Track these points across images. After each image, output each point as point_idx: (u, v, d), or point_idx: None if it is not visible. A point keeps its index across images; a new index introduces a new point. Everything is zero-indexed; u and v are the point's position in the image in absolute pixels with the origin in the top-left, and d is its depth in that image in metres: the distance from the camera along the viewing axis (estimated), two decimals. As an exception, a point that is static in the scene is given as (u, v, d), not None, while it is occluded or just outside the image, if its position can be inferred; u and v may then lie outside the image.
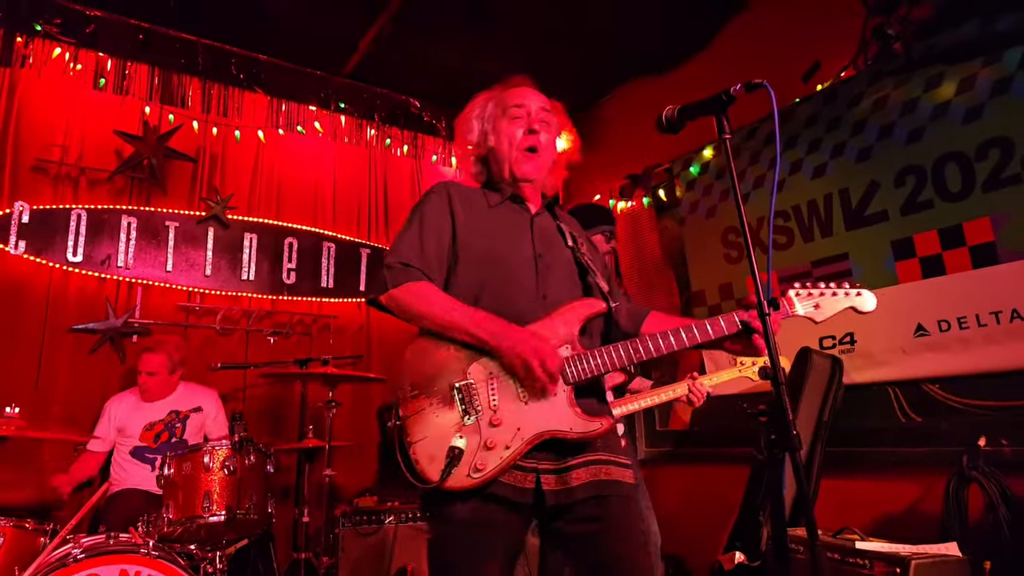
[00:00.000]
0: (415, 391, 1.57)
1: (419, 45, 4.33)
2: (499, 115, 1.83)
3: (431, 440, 1.52)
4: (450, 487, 1.48)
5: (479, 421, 1.52)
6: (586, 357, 1.59)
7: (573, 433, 1.53)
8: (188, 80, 4.26)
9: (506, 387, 1.56)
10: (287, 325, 4.51)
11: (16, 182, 3.76)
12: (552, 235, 1.82)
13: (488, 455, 1.49)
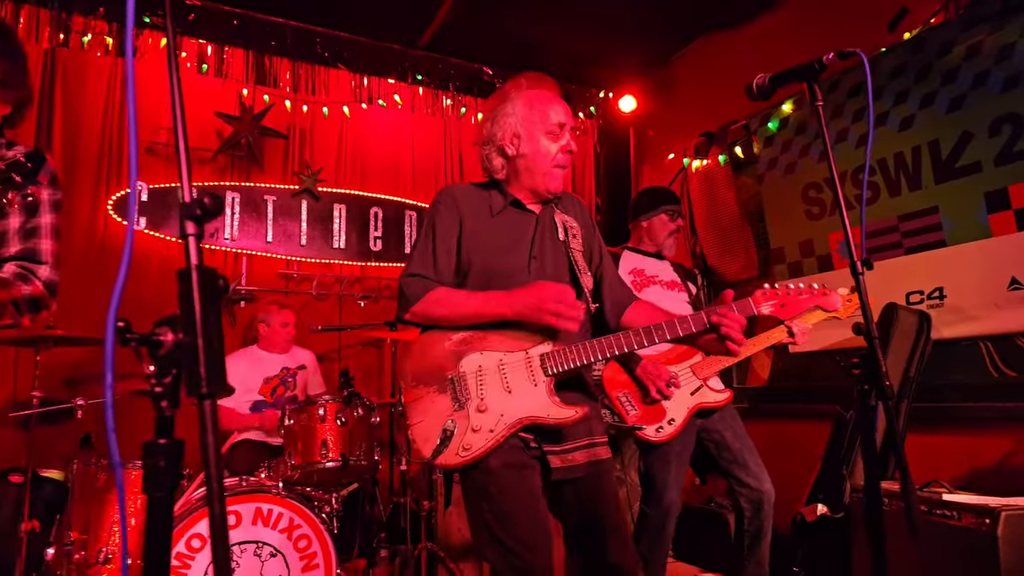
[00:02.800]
0: (415, 381, 1.79)
1: (491, 13, 4.41)
2: (538, 127, 1.89)
3: (427, 423, 1.74)
4: (441, 463, 1.71)
5: (468, 408, 1.72)
6: (564, 352, 1.75)
7: (550, 419, 1.72)
8: (279, 61, 4.51)
9: (493, 379, 1.75)
10: (375, 289, 4.77)
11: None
12: (548, 233, 1.94)
13: (475, 437, 1.69)
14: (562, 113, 1.90)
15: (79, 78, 4.05)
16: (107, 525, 2.79)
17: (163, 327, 0.69)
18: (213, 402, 0.65)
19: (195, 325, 0.65)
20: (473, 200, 1.92)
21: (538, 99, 1.91)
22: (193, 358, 0.65)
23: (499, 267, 1.84)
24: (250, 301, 4.33)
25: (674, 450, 2.72)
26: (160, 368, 0.68)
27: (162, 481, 0.66)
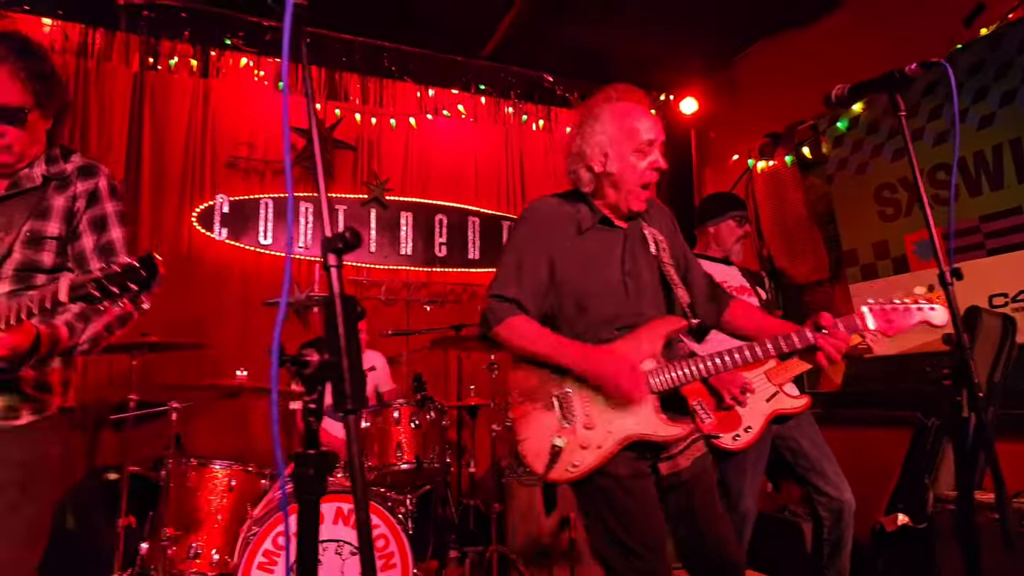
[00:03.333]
0: (522, 397, 1.82)
1: (551, 22, 4.46)
2: (626, 144, 1.86)
3: (535, 439, 1.77)
4: (552, 479, 1.74)
5: (575, 424, 1.75)
6: (667, 370, 1.77)
7: (657, 436, 1.75)
8: (349, 76, 4.69)
9: (598, 396, 1.77)
10: (441, 294, 4.89)
11: (215, 177, 4.35)
12: (640, 248, 1.94)
13: (584, 453, 1.73)
14: (651, 129, 1.87)
15: (165, 99, 4.31)
16: (196, 522, 2.96)
17: (308, 349, 0.76)
18: (357, 417, 0.72)
19: (339, 347, 0.72)
20: (561, 216, 1.92)
21: (627, 114, 1.88)
22: (338, 377, 0.72)
23: (592, 287, 1.86)
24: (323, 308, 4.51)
25: (750, 458, 2.70)
26: (308, 385, 0.75)
27: (312, 488, 0.73)
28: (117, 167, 4.11)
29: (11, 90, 1.69)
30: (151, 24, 4.13)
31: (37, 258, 1.75)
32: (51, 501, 1.86)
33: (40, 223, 1.76)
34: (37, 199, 1.77)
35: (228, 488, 3.00)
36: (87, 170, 1.85)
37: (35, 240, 1.75)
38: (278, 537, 2.65)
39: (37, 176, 1.79)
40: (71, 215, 1.81)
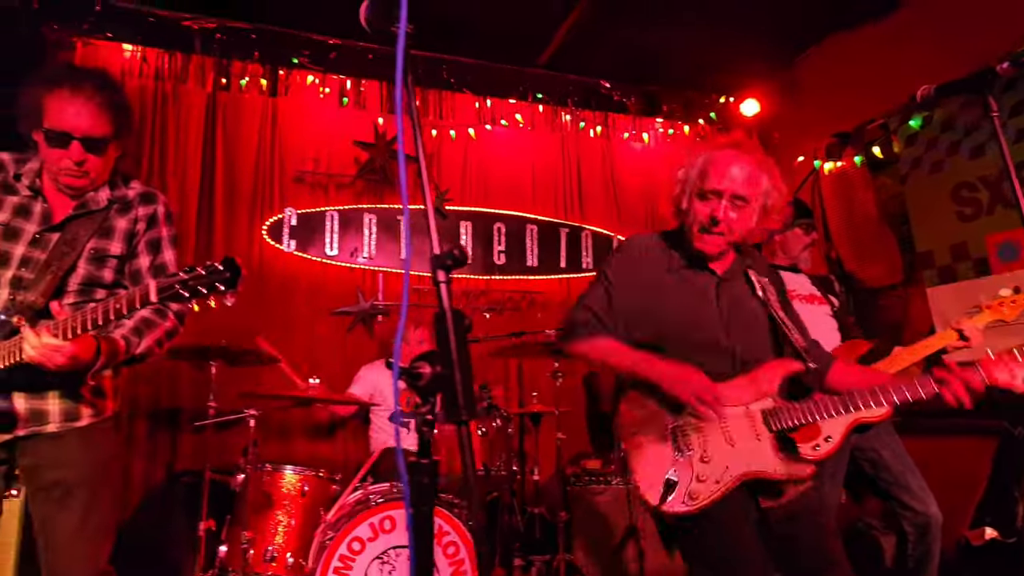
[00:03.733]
0: (635, 428, 1.84)
1: (609, 28, 4.46)
2: (696, 188, 1.89)
3: (650, 472, 1.78)
4: (666, 511, 1.73)
5: (691, 458, 1.75)
6: (788, 411, 1.76)
7: (777, 474, 1.74)
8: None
9: (714, 431, 1.77)
10: (499, 302, 4.93)
11: (284, 192, 4.51)
12: (740, 293, 1.93)
13: (700, 486, 1.72)
14: (721, 180, 1.85)
15: (236, 117, 4.49)
16: (271, 526, 3.05)
17: (421, 362, 0.79)
18: (469, 428, 0.74)
19: (451, 360, 0.74)
20: (654, 256, 1.96)
21: (711, 161, 1.88)
22: (451, 389, 0.74)
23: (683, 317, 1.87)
24: (387, 315, 4.60)
25: (828, 470, 2.62)
26: (422, 397, 0.78)
27: (427, 496, 0.76)
28: (192, 184, 4.31)
29: (99, 122, 1.82)
30: (223, 46, 4.31)
31: (99, 274, 1.89)
32: (114, 496, 2.03)
33: (104, 242, 1.90)
34: (101, 220, 1.90)
35: (301, 493, 3.09)
36: (147, 197, 2.01)
37: (98, 257, 1.88)
38: (353, 542, 2.72)
39: (102, 199, 1.93)
40: (132, 236, 1.95)
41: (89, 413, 1.89)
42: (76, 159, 1.81)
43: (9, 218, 1.84)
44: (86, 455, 1.86)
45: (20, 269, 1.81)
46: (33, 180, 1.89)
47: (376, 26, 1.04)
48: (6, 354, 1.71)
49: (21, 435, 1.80)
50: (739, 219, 1.86)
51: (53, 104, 1.79)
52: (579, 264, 5.15)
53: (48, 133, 1.79)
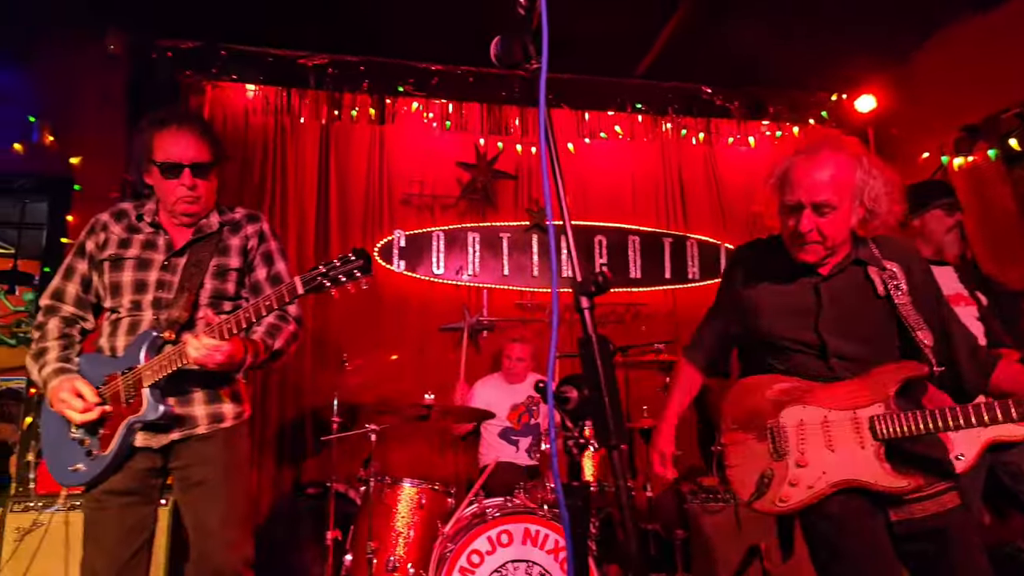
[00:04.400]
0: (734, 424, 1.84)
1: (709, 33, 4.36)
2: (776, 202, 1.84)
3: (744, 468, 1.79)
4: (756, 508, 1.74)
5: (787, 459, 1.72)
6: (897, 418, 1.65)
7: (878, 486, 1.64)
8: (509, 109, 4.89)
9: (815, 434, 1.71)
10: (602, 315, 4.89)
11: (392, 214, 4.71)
12: (851, 292, 1.82)
13: (792, 490, 1.69)
14: (798, 190, 1.76)
15: (347, 146, 4.74)
16: (392, 537, 3.16)
17: (567, 386, 0.81)
18: (621, 451, 0.76)
19: (599, 385, 0.76)
20: (760, 267, 1.94)
21: (789, 171, 1.80)
22: (600, 413, 0.76)
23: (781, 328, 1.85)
24: (491, 331, 4.69)
25: (962, 489, 2.42)
26: (572, 420, 0.80)
27: (583, 519, 0.78)
28: (310, 210, 4.60)
29: (202, 150, 2.10)
30: (335, 80, 4.58)
31: (223, 287, 2.13)
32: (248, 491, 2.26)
33: (223, 258, 2.15)
34: (217, 240, 2.17)
35: (419, 506, 3.19)
36: (252, 217, 2.28)
37: (221, 272, 2.13)
38: (472, 555, 2.78)
39: (214, 223, 2.19)
40: (246, 251, 2.20)
41: (232, 415, 2.13)
42: (188, 184, 2.07)
43: (139, 252, 2.11)
44: (227, 454, 2.09)
45: (158, 291, 2.07)
46: (153, 217, 2.17)
47: (506, 62, 1.08)
48: (163, 365, 1.93)
49: (176, 439, 2.04)
50: (831, 224, 1.75)
51: (162, 141, 2.07)
52: (684, 274, 5.05)
53: (162, 166, 2.07)
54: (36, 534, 3.02)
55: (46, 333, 2.11)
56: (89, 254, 2.14)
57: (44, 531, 3.03)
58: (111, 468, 1.97)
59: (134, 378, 1.96)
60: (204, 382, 2.07)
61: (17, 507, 3.06)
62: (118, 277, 2.08)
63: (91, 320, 2.18)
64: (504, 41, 1.09)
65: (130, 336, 2.03)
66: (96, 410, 1.97)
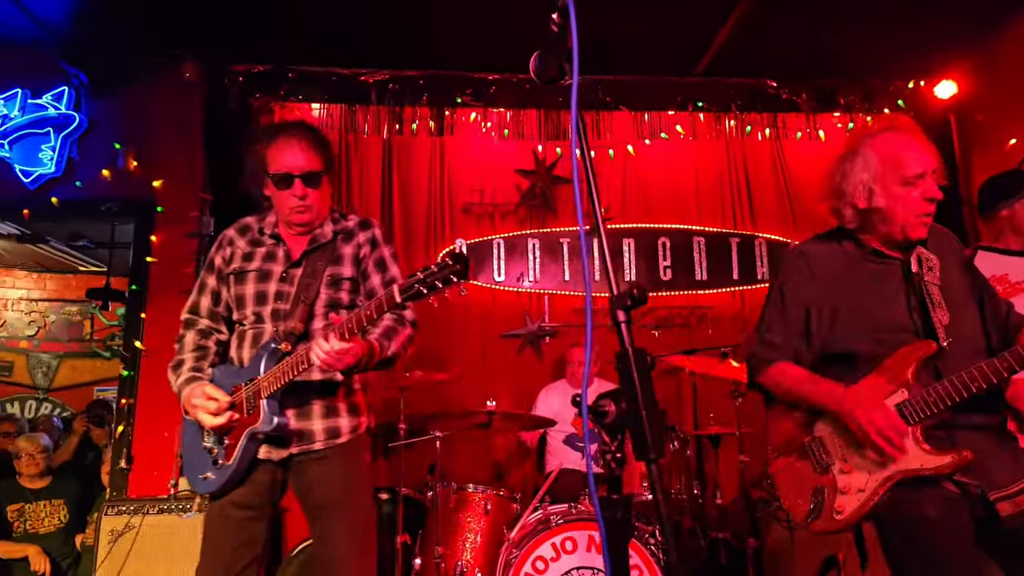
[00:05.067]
0: (775, 451, 1.86)
1: (772, 25, 4.23)
2: (893, 179, 1.76)
3: (795, 491, 1.79)
4: (819, 529, 1.71)
5: (832, 471, 1.71)
6: (922, 399, 1.64)
7: (925, 470, 1.62)
8: (565, 115, 4.88)
9: (851, 437, 1.70)
10: (667, 319, 4.82)
11: (453, 224, 4.79)
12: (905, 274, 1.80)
13: (845, 499, 1.67)
14: (919, 160, 1.76)
15: (408, 159, 4.86)
16: (459, 541, 3.20)
17: (605, 400, 0.81)
18: (659, 465, 0.75)
19: (637, 399, 0.76)
20: (826, 258, 1.88)
21: (891, 147, 1.79)
22: (638, 426, 0.76)
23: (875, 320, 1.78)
24: (554, 336, 4.68)
25: None
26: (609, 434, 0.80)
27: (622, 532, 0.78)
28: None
29: (313, 159, 2.12)
30: (395, 95, 4.69)
31: (337, 296, 2.13)
32: (371, 504, 2.21)
33: (337, 268, 2.15)
34: (331, 250, 2.17)
35: (484, 511, 3.22)
36: (365, 224, 2.27)
37: (335, 281, 2.14)
38: (536, 561, 2.79)
39: (328, 233, 2.20)
40: (358, 260, 2.19)
41: (348, 429, 2.11)
42: (299, 195, 2.09)
43: (260, 264, 2.17)
44: (347, 471, 2.08)
45: (276, 303, 2.11)
46: (273, 229, 2.22)
47: (544, 78, 1.10)
48: (279, 376, 1.95)
49: (295, 453, 2.05)
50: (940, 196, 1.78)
51: (273, 153, 2.12)
52: (753, 275, 4.91)
53: (274, 177, 2.11)
54: (128, 536, 3.23)
55: (183, 346, 2.19)
56: (217, 269, 2.22)
57: (135, 533, 3.23)
58: (236, 478, 2.01)
59: (254, 389, 1.99)
60: (321, 394, 2.08)
61: (111, 511, 3.27)
62: (242, 289, 2.15)
63: (225, 332, 2.23)
64: (541, 57, 1.10)
65: (254, 348, 2.08)
66: (226, 414, 2.00)
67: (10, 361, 6.73)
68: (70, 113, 4.25)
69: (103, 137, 4.34)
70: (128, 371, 4.06)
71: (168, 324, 4.27)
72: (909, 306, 1.76)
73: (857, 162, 1.81)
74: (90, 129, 4.33)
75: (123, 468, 3.77)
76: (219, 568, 2.01)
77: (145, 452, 3.90)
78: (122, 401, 4.01)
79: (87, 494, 4.19)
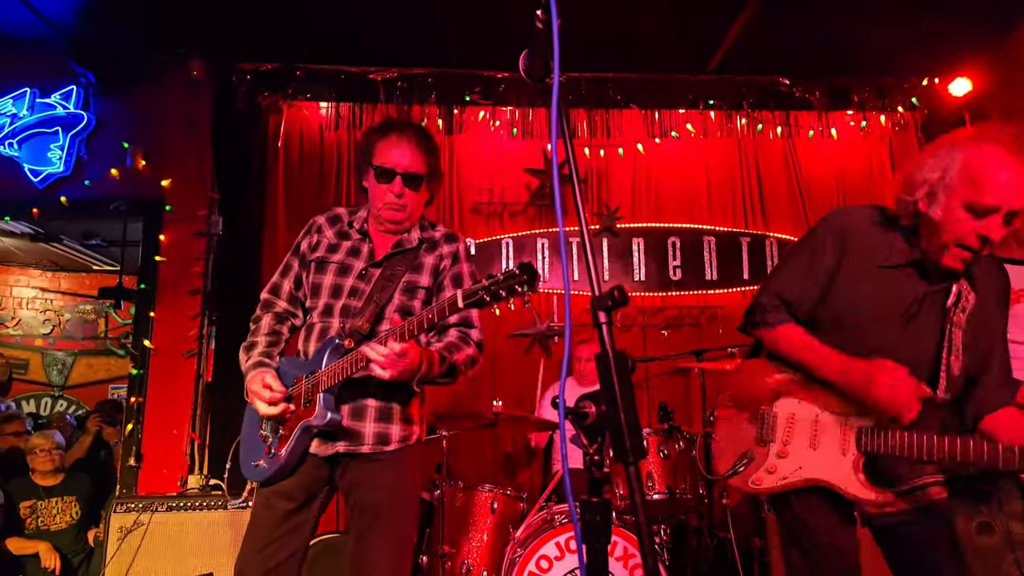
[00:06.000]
0: (731, 402, 1.90)
1: (784, 22, 4.18)
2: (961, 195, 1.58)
3: (727, 444, 1.87)
4: (729, 483, 1.85)
5: (769, 447, 1.77)
6: (886, 437, 1.65)
7: (847, 493, 1.68)
8: (575, 112, 4.86)
9: (802, 430, 1.76)
10: (677, 318, 4.79)
11: (463, 223, 4.78)
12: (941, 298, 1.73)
13: (766, 476, 1.76)
14: (1001, 192, 1.53)
15: (418, 157, 4.85)
16: (465, 540, 3.20)
17: (586, 401, 0.80)
18: (638, 467, 0.74)
19: (616, 402, 0.74)
20: (867, 240, 1.76)
21: (982, 162, 1.57)
22: (617, 429, 0.74)
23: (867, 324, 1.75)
24: (563, 336, 4.66)
25: None
26: (589, 436, 0.79)
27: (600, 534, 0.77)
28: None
29: (417, 161, 2.11)
30: (403, 93, 4.69)
31: (410, 304, 2.10)
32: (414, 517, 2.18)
33: (415, 276, 2.12)
34: (413, 257, 2.14)
35: (491, 510, 3.22)
36: (451, 237, 2.24)
37: (410, 289, 2.11)
38: (541, 560, 2.78)
39: (414, 239, 2.17)
40: (438, 272, 2.16)
41: (398, 438, 2.05)
42: (397, 192, 2.08)
43: (343, 257, 2.15)
44: (395, 478, 2.04)
45: (349, 299, 2.09)
46: (362, 225, 2.20)
47: (534, 76, 1.09)
48: (337, 372, 1.94)
49: (341, 452, 2.01)
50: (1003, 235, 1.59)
51: (382, 146, 2.12)
52: (764, 275, 4.85)
53: (377, 169, 2.11)
54: (137, 533, 3.25)
55: (259, 328, 2.20)
56: (302, 253, 2.21)
57: (144, 530, 3.25)
58: (286, 469, 2.00)
59: (314, 382, 1.99)
60: (378, 397, 2.04)
61: (120, 508, 3.30)
62: (320, 279, 2.14)
63: (301, 317, 2.24)
64: (530, 55, 1.09)
65: (319, 341, 2.07)
66: (281, 404, 2.01)
67: (25, 359, 6.83)
68: (79, 112, 4.30)
69: (112, 136, 4.38)
70: (137, 369, 4.10)
71: (177, 323, 4.37)
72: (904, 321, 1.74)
73: (943, 160, 1.63)
74: (98, 128, 4.37)
75: (132, 466, 3.80)
76: (257, 556, 1.99)
77: (154, 450, 3.94)
78: (132, 399, 4.05)
79: (100, 491, 4.24)
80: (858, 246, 1.76)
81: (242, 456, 2.16)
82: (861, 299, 1.75)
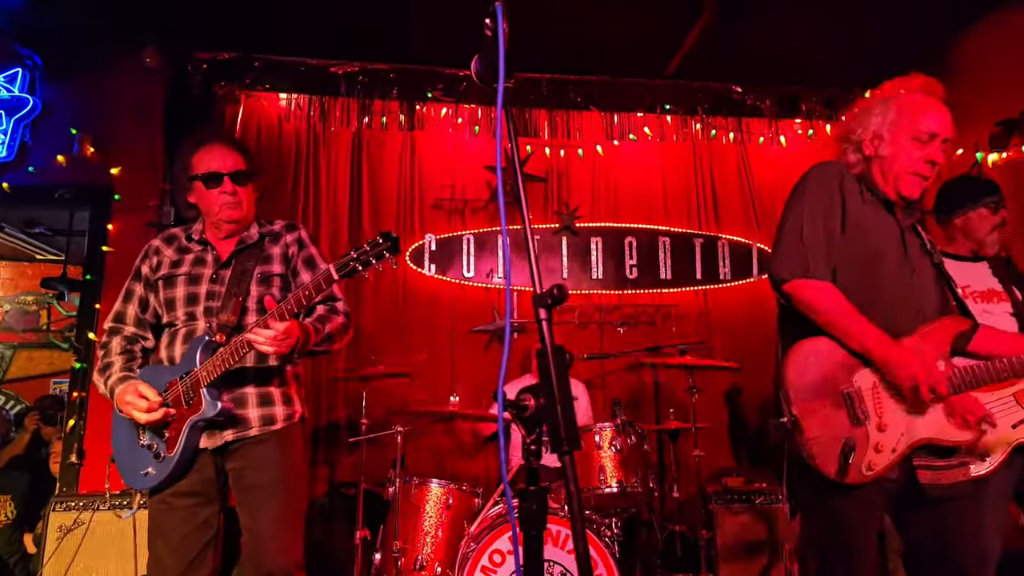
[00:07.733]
0: (806, 393, 1.75)
1: (738, 31, 4.30)
2: (904, 130, 1.83)
3: (824, 439, 1.71)
4: (847, 482, 1.69)
5: (867, 425, 1.70)
6: (962, 372, 1.73)
7: (948, 441, 1.72)
8: (537, 113, 4.91)
9: (889, 396, 1.73)
10: (633, 316, 4.87)
11: (423, 219, 4.78)
12: (918, 245, 1.88)
13: (877, 456, 1.69)
14: (936, 122, 1.82)
15: (379, 152, 4.83)
16: (420, 536, 3.21)
17: (526, 394, 0.83)
18: (572, 457, 0.77)
19: (554, 395, 0.78)
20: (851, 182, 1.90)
21: (913, 104, 1.85)
22: (554, 421, 0.78)
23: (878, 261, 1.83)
24: (522, 332, 4.70)
25: (990, 491, 2.33)
26: (528, 428, 0.82)
27: (536, 522, 0.80)
28: (342, 215, 4.70)
29: (237, 160, 2.26)
30: (365, 88, 4.66)
31: (269, 292, 2.21)
32: (304, 492, 2.32)
33: (267, 266, 2.26)
34: (259, 250, 2.28)
35: (446, 506, 3.24)
36: (290, 226, 2.39)
37: (266, 279, 2.24)
38: (494, 555, 2.81)
39: (255, 234, 2.31)
40: (287, 259, 2.30)
41: (282, 417, 2.20)
42: (230, 191, 2.21)
43: (190, 269, 2.25)
44: (283, 455, 2.16)
45: (208, 301, 2.19)
46: (201, 235, 2.30)
47: (486, 79, 1.12)
48: (217, 365, 2.02)
49: (230, 440, 2.12)
50: (943, 163, 1.84)
51: (200, 156, 2.25)
52: (716, 275, 4.99)
53: (203, 177, 2.22)
54: (77, 533, 3.17)
55: (110, 350, 2.24)
56: (144, 277, 2.28)
57: (85, 530, 3.17)
58: (179, 469, 2.07)
59: (192, 380, 2.06)
60: (256, 383, 2.17)
61: (60, 507, 3.21)
62: (172, 293, 2.21)
63: (151, 339, 2.29)
64: (481, 59, 1.12)
65: (186, 344, 2.15)
66: (160, 410, 2.06)
67: (-40, 351, 6.56)
68: (23, 96, 4.14)
69: (58, 121, 4.23)
70: (81, 363, 3.98)
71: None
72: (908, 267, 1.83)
73: (877, 108, 1.88)
74: (45, 113, 4.22)
75: (73, 463, 3.69)
76: (172, 557, 2.06)
77: (97, 447, 3.82)
78: (74, 394, 3.93)
79: (37, 490, 4.10)
80: (848, 189, 1.89)
81: (124, 471, 2.19)
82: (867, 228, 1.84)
